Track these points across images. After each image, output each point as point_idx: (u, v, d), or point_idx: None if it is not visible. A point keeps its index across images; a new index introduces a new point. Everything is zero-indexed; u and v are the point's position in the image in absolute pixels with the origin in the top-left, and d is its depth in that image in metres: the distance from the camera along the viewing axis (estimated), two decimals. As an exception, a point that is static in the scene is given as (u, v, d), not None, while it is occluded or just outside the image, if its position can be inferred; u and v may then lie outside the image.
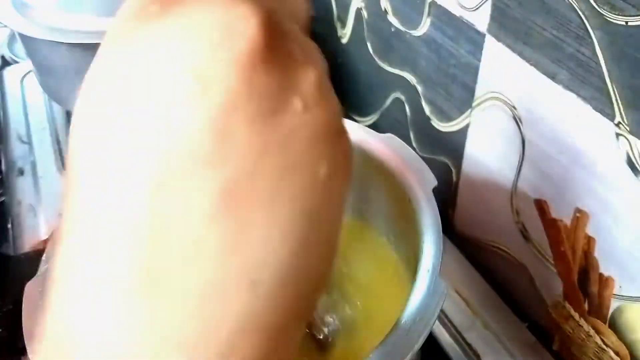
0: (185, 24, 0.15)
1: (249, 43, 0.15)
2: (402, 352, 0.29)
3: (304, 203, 0.16)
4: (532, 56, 0.39)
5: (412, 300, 0.31)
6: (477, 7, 0.43)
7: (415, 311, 0.31)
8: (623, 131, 0.34)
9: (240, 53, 0.15)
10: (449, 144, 0.52)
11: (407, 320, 0.30)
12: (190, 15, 0.15)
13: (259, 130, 0.15)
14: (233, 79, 0.15)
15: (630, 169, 0.35)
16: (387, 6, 0.55)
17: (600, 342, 0.43)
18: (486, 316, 0.49)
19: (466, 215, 0.54)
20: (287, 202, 0.15)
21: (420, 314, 0.30)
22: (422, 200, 0.37)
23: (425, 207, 0.37)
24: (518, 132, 0.43)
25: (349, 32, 0.65)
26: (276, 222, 0.15)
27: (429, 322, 0.30)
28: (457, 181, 0.53)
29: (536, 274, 0.48)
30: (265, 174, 0.15)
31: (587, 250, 0.41)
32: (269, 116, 0.15)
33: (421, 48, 0.52)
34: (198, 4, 0.15)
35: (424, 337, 0.30)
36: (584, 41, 0.35)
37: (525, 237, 0.47)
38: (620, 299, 0.40)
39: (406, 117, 0.59)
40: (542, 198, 0.44)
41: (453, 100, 0.50)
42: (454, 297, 0.51)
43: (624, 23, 0.32)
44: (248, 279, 0.15)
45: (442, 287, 0.32)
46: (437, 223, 0.35)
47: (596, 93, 0.35)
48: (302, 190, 0.16)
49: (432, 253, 0.34)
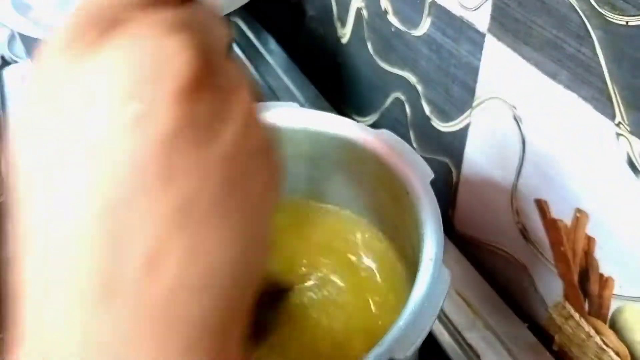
0: (120, 58, 0.16)
1: (181, 78, 0.16)
2: (412, 337, 0.30)
3: (247, 211, 0.18)
4: (532, 56, 0.39)
5: (418, 288, 0.32)
6: (477, 7, 0.43)
7: (423, 298, 0.31)
8: (623, 131, 0.34)
9: (175, 86, 0.16)
10: (449, 144, 0.52)
11: (415, 307, 0.31)
12: (125, 49, 0.16)
13: (198, 154, 0.16)
14: (170, 110, 0.16)
15: (631, 169, 0.35)
16: (387, 6, 0.55)
17: (600, 342, 0.43)
18: (486, 316, 0.49)
19: (466, 216, 0.54)
20: (233, 212, 0.17)
21: (427, 300, 0.31)
22: (420, 192, 0.37)
23: (424, 198, 0.37)
24: (518, 132, 0.43)
25: (349, 32, 0.65)
26: (226, 230, 0.17)
27: (436, 308, 0.31)
28: (457, 181, 0.53)
29: (536, 274, 0.48)
30: (211, 189, 0.17)
31: (587, 251, 0.41)
32: (205, 140, 0.17)
33: (421, 48, 0.52)
34: (131, 37, 0.17)
35: (432, 323, 0.30)
36: (585, 41, 0.35)
37: (525, 237, 0.47)
38: (620, 299, 0.40)
39: (406, 117, 0.59)
40: (542, 198, 0.44)
41: (453, 100, 0.50)
42: (454, 297, 0.51)
43: (624, 23, 0.32)
44: (206, 283, 0.17)
45: (446, 275, 0.33)
46: (437, 214, 0.36)
47: (596, 93, 0.35)
48: (244, 200, 0.18)
49: (434, 242, 0.34)
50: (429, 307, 0.31)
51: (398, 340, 0.30)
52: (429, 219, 0.36)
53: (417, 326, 0.30)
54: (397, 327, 0.30)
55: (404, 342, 0.30)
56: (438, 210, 0.36)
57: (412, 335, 0.30)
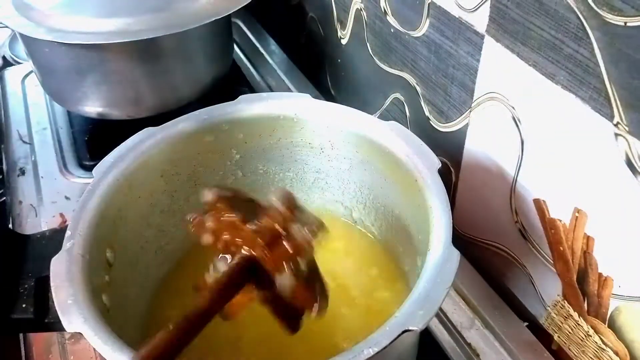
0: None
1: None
2: (425, 311, 0.31)
3: None
4: (530, 57, 0.39)
5: (428, 267, 0.34)
6: (476, 8, 0.43)
7: (434, 275, 0.33)
8: (622, 131, 0.35)
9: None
10: (448, 144, 0.52)
11: (427, 283, 0.33)
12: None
13: None
14: None
15: (629, 169, 0.35)
16: (387, 7, 0.55)
17: (599, 341, 0.43)
18: (486, 315, 0.49)
19: (465, 215, 0.54)
20: None
21: (439, 276, 0.33)
22: (428, 179, 0.39)
23: (432, 185, 0.39)
24: (517, 132, 0.43)
25: (349, 32, 0.65)
26: None
27: (447, 283, 0.32)
28: (457, 181, 0.53)
29: (535, 274, 0.48)
30: None
31: (586, 250, 0.41)
32: None
33: (420, 49, 0.52)
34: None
35: (444, 297, 0.32)
36: (583, 42, 0.35)
37: (524, 236, 0.47)
38: (619, 299, 0.40)
39: (406, 117, 0.59)
40: (541, 198, 0.44)
41: (452, 100, 0.50)
42: (453, 296, 0.51)
43: (622, 24, 0.32)
44: None
45: (455, 255, 0.34)
46: (445, 199, 0.38)
47: (595, 93, 0.35)
48: None
49: (443, 225, 0.36)
50: (441, 282, 0.32)
51: (412, 312, 0.31)
52: (437, 203, 0.37)
53: (430, 299, 0.32)
54: (411, 300, 0.32)
55: (418, 314, 0.31)
56: (446, 196, 0.38)
57: (426, 307, 0.31)
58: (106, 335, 0.31)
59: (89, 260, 0.36)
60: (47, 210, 0.61)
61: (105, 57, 0.59)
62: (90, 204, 0.39)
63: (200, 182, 0.47)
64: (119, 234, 0.41)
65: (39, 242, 0.40)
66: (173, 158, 0.45)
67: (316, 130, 0.47)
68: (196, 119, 0.45)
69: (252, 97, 0.47)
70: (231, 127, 0.46)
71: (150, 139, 0.44)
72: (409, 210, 0.43)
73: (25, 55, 0.67)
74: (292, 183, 0.51)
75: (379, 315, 0.42)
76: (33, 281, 0.38)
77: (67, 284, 0.34)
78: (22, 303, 0.37)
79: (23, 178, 0.65)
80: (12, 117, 0.75)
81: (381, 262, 0.48)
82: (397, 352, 0.36)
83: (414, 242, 0.42)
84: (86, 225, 0.38)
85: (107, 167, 0.41)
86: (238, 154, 0.48)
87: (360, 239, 0.50)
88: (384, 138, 0.43)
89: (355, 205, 0.50)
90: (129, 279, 0.42)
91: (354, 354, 0.29)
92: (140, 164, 0.43)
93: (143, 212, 0.44)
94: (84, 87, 0.61)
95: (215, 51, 0.67)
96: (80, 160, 0.66)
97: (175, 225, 0.47)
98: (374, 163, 0.45)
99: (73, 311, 0.32)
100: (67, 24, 0.57)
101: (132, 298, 0.42)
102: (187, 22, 0.58)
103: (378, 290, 0.46)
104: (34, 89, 0.79)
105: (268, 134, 0.47)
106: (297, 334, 0.32)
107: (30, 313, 0.37)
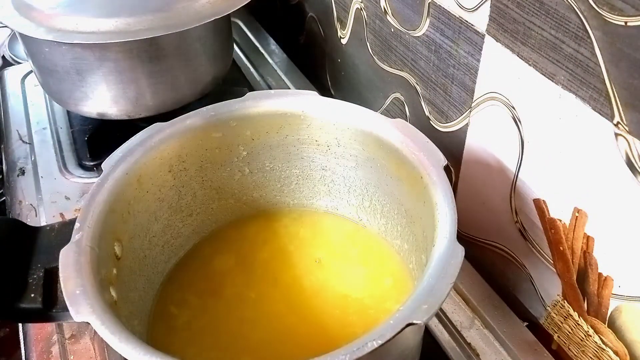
0: None
1: None
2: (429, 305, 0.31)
3: None
4: (531, 56, 0.39)
5: (433, 262, 0.34)
6: (476, 8, 0.43)
7: (438, 270, 0.33)
8: (622, 131, 0.35)
9: None
10: (448, 144, 0.52)
11: (431, 277, 0.33)
12: None
13: None
14: None
15: (629, 169, 0.35)
16: (387, 7, 0.55)
17: (599, 341, 0.43)
18: (485, 315, 0.49)
19: (465, 215, 0.54)
20: None
21: (443, 271, 0.33)
22: (434, 176, 0.39)
23: (437, 181, 0.39)
24: (517, 132, 0.43)
25: (349, 32, 0.65)
26: None
27: (452, 277, 0.32)
28: (457, 181, 0.53)
29: (535, 273, 0.48)
30: None
31: (586, 250, 0.41)
32: None
33: (420, 48, 0.52)
34: None
35: (448, 291, 0.32)
36: (583, 41, 0.35)
37: (524, 236, 0.47)
38: (619, 299, 0.40)
39: (406, 117, 0.59)
40: (541, 198, 0.44)
41: (452, 100, 0.50)
42: (453, 296, 0.51)
43: (623, 23, 0.32)
44: None
45: (460, 250, 0.34)
46: (451, 195, 0.38)
47: (595, 93, 0.35)
48: None
49: (448, 221, 0.36)
50: (445, 277, 0.33)
51: (416, 306, 0.31)
52: (442, 199, 0.38)
53: (434, 293, 0.32)
54: (415, 294, 0.32)
55: (422, 308, 0.31)
56: (451, 192, 0.38)
57: (430, 301, 0.31)
58: (114, 326, 0.31)
59: (98, 253, 0.36)
60: (47, 210, 0.61)
61: (105, 57, 0.59)
62: (99, 197, 0.39)
63: (207, 178, 0.48)
64: (127, 228, 0.41)
65: (48, 234, 0.41)
66: (181, 153, 0.45)
67: (323, 128, 0.47)
68: (204, 116, 0.46)
69: (259, 94, 0.47)
70: (239, 123, 0.46)
71: (159, 134, 0.44)
72: (414, 207, 0.43)
73: (25, 55, 0.67)
74: (298, 180, 0.51)
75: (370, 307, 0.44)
76: (42, 272, 0.38)
77: (75, 274, 0.34)
78: (31, 293, 0.37)
79: (23, 178, 0.65)
80: (11, 117, 0.75)
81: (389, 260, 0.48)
82: (401, 348, 0.37)
83: (419, 239, 0.42)
84: (95, 218, 0.38)
85: (116, 160, 0.41)
86: (245, 151, 0.48)
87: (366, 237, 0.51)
88: (390, 135, 0.43)
89: (361, 203, 0.50)
90: (136, 272, 0.42)
91: (357, 346, 0.29)
92: (149, 158, 0.43)
93: (151, 206, 0.44)
94: (84, 87, 0.61)
95: (215, 51, 0.67)
96: (80, 160, 0.67)
97: (182, 221, 0.47)
98: (380, 160, 0.45)
99: (81, 301, 0.32)
100: (67, 24, 0.57)
101: (138, 291, 0.42)
102: (187, 22, 0.58)
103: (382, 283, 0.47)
104: (34, 89, 0.79)
105: (275, 131, 0.48)
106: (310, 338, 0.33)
107: (39, 303, 0.37)
